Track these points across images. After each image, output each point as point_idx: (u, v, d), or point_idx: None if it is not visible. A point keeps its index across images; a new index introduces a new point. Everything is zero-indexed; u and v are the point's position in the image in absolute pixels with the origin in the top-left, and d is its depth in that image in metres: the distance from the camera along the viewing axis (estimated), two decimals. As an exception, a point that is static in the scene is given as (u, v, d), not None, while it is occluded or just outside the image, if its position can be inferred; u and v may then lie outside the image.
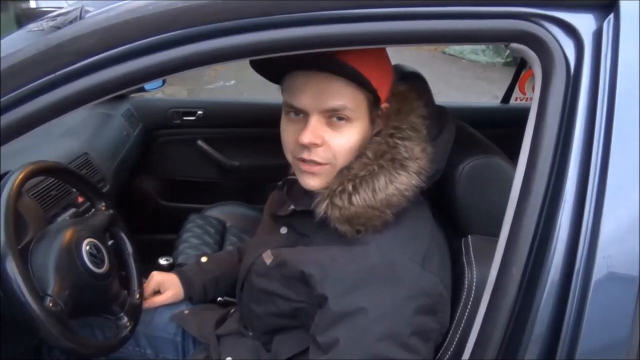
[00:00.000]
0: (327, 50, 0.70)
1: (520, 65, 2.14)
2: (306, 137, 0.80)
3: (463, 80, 6.48)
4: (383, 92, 0.83)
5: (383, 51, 0.86)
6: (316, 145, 0.81)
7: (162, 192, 2.23)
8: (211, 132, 2.14)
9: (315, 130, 0.80)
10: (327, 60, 0.76)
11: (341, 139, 0.81)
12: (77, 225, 0.97)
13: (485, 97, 5.55)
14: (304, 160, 0.83)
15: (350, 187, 0.80)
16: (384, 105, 0.84)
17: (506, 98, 2.25)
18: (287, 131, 0.85)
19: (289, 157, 0.87)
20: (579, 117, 0.62)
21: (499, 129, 1.65)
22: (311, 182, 0.85)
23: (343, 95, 0.79)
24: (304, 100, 0.80)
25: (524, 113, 0.69)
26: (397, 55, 0.93)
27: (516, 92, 2.24)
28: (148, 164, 2.14)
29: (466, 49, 7.64)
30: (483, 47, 7.37)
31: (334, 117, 0.80)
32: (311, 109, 0.80)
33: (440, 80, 5.47)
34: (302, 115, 0.82)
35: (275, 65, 0.80)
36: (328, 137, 0.81)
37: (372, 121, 0.84)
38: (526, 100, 2.32)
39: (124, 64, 0.61)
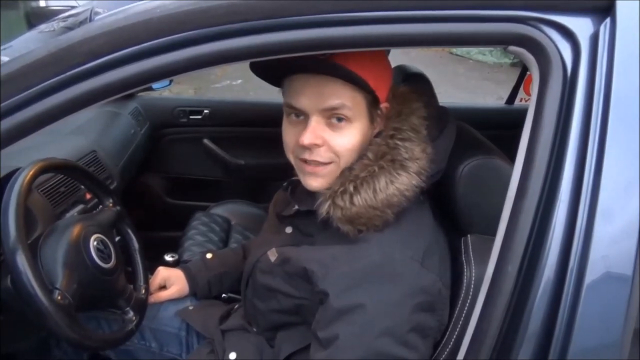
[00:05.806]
0: (324, 53, 0.72)
1: (525, 66, 2.13)
2: (306, 139, 0.81)
3: (469, 81, 6.46)
4: (382, 93, 0.84)
5: (381, 53, 0.86)
6: (317, 145, 0.82)
7: (168, 190, 2.25)
8: (217, 131, 2.16)
9: (315, 130, 0.81)
10: (323, 64, 0.77)
11: (342, 139, 0.82)
12: (85, 221, 0.98)
13: (490, 98, 5.54)
14: (306, 161, 0.84)
15: (351, 188, 0.81)
16: (383, 105, 0.86)
17: (511, 99, 2.24)
18: (288, 133, 0.86)
19: (291, 158, 0.88)
20: (575, 119, 0.63)
21: (503, 130, 1.65)
22: (314, 183, 0.86)
23: (341, 95, 0.79)
24: (303, 101, 0.81)
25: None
26: (405, 55, 0.95)
27: (521, 93, 2.24)
28: (155, 162, 2.17)
29: (473, 50, 7.60)
30: (490, 47, 7.32)
31: (334, 117, 0.81)
32: (310, 109, 0.81)
33: (446, 81, 5.46)
34: (302, 117, 0.83)
35: (274, 69, 0.81)
36: (329, 138, 0.82)
37: (372, 121, 0.85)
38: (531, 101, 2.30)
39: (133, 64, 0.63)
